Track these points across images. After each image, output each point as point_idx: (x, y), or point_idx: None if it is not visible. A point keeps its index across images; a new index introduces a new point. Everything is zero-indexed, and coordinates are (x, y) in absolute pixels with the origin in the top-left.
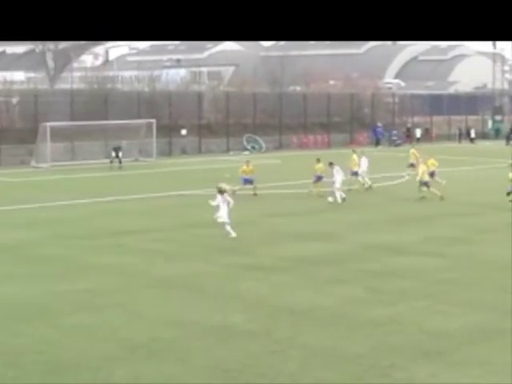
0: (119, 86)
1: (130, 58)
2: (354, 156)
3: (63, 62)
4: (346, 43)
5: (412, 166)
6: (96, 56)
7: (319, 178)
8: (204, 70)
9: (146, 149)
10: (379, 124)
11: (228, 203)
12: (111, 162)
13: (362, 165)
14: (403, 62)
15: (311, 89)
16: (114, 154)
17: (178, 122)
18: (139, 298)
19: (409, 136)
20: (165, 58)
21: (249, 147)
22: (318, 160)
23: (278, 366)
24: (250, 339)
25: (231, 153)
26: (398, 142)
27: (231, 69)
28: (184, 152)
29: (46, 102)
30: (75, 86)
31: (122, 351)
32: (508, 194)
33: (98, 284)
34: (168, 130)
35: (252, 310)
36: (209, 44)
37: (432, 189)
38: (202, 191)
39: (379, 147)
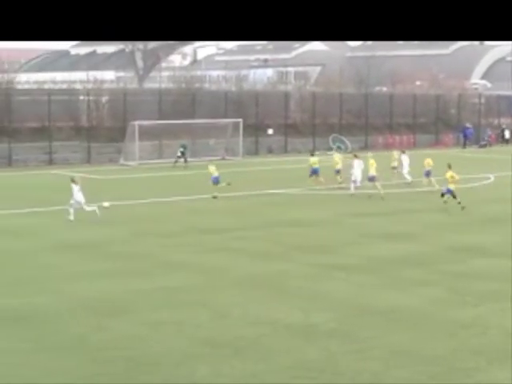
0: (207, 85)
1: (217, 58)
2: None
3: (152, 62)
4: (433, 44)
5: (394, 168)
6: (184, 56)
7: (314, 171)
8: (291, 69)
9: (233, 148)
10: (468, 125)
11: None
12: (176, 161)
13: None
14: (490, 63)
15: (397, 89)
16: (179, 152)
17: (265, 122)
18: (222, 296)
19: (503, 137)
20: (252, 57)
21: (334, 147)
22: (312, 155)
23: (359, 366)
24: (331, 339)
25: (317, 152)
26: (484, 143)
27: (318, 69)
28: (270, 151)
29: (134, 101)
30: (163, 86)
31: (205, 349)
32: (442, 195)
33: (182, 282)
34: (254, 130)
35: (335, 309)
36: (296, 44)
37: (377, 183)
38: (288, 190)
39: (468, 148)
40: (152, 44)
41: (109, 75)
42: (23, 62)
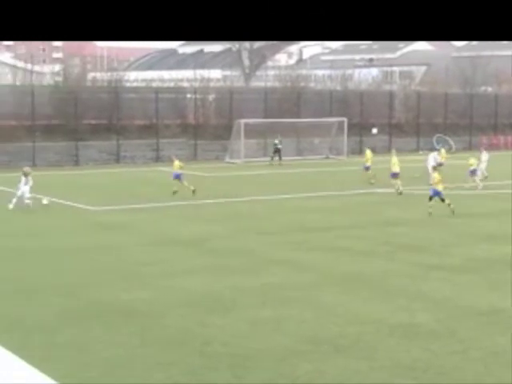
0: (312, 84)
1: (323, 58)
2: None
3: (258, 61)
4: None
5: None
6: (290, 55)
7: (367, 168)
8: (396, 69)
9: (337, 147)
10: None
11: (29, 185)
12: (272, 158)
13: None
14: None
15: (503, 89)
16: (275, 149)
17: (369, 121)
18: (325, 294)
19: None
20: (357, 57)
21: (438, 147)
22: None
23: (462, 366)
24: (433, 339)
25: (421, 152)
26: None
27: (423, 68)
28: (374, 150)
29: (240, 100)
30: (269, 84)
31: (307, 345)
32: (430, 198)
33: (284, 279)
34: (359, 129)
35: (437, 309)
36: (401, 44)
37: (398, 181)
38: (391, 189)
39: None
40: (258, 43)
41: (215, 74)
42: (132, 61)
